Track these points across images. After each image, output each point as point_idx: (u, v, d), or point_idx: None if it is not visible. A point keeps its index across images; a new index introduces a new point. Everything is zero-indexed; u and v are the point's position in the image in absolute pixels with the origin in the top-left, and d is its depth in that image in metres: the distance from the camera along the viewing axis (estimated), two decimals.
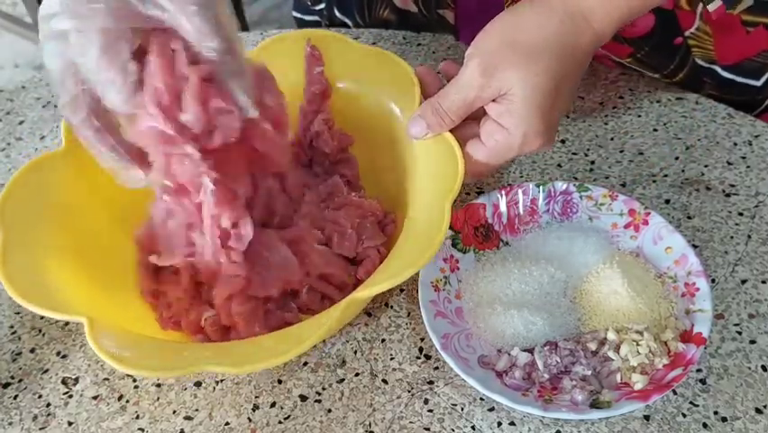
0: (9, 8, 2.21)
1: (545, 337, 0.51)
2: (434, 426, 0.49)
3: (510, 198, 0.58)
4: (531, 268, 0.54)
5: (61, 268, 0.51)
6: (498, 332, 0.51)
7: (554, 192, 0.58)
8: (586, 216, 0.58)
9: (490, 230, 0.57)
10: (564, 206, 0.58)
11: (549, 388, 0.49)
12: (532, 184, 0.58)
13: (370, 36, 0.77)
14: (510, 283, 0.53)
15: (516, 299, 0.52)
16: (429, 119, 0.53)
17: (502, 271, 0.54)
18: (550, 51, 0.50)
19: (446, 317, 0.52)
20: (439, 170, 0.52)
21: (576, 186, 0.58)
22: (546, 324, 0.51)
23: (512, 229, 0.58)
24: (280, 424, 0.50)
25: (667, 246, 0.54)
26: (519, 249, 0.56)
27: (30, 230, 0.51)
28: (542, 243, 0.56)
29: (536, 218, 0.58)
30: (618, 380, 0.48)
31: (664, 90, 0.69)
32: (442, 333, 0.50)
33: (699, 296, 0.51)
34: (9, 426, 0.51)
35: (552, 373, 0.49)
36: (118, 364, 0.43)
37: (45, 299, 0.47)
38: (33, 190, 0.53)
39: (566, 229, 0.57)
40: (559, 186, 0.58)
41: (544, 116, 0.51)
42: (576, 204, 0.58)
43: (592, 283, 0.53)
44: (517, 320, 0.51)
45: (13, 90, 0.76)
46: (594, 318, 0.52)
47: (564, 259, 0.55)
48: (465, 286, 0.54)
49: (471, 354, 0.50)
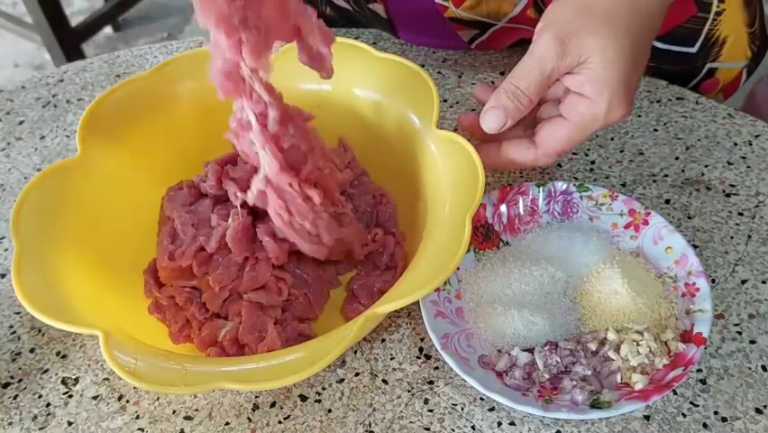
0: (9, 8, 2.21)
1: (546, 337, 0.51)
2: (434, 426, 0.49)
3: (510, 197, 0.58)
4: (531, 268, 0.54)
5: (76, 279, 0.50)
6: (499, 332, 0.51)
7: (555, 192, 0.58)
8: (586, 216, 0.58)
9: (490, 230, 0.57)
10: (565, 206, 0.58)
11: (549, 388, 0.49)
12: (532, 184, 0.58)
13: (370, 36, 0.77)
14: (510, 283, 0.53)
15: (516, 298, 0.52)
16: (506, 104, 0.51)
17: (502, 271, 0.54)
18: (624, 15, 0.49)
19: (446, 317, 0.52)
20: (459, 181, 0.51)
21: (576, 186, 0.58)
22: (547, 324, 0.51)
23: (512, 229, 0.58)
24: (280, 424, 0.50)
25: (667, 246, 0.54)
26: (519, 249, 0.56)
27: (44, 240, 0.51)
28: (542, 243, 0.56)
29: (537, 218, 0.58)
30: (619, 380, 0.48)
31: (664, 90, 0.69)
32: (442, 333, 0.50)
33: (700, 296, 0.51)
34: (9, 426, 0.51)
35: (552, 373, 0.49)
36: (134, 380, 0.43)
37: (60, 311, 0.47)
38: (48, 200, 0.53)
39: (566, 229, 0.57)
40: (559, 186, 0.58)
41: (625, 81, 0.49)
42: (576, 204, 0.58)
43: (592, 283, 0.53)
44: (518, 320, 0.51)
45: (13, 90, 0.76)
46: (594, 318, 0.52)
47: (565, 259, 0.55)
48: (465, 286, 0.54)
49: (472, 354, 0.50)
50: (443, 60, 0.74)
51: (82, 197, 0.54)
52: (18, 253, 0.49)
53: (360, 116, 0.60)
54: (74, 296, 0.49)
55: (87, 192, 0.55)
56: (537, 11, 0.66)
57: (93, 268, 0.52)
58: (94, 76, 0.77)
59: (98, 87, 0.75)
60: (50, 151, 0.70)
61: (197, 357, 0.51)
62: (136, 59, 0.78)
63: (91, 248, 0.53)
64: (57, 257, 0.51)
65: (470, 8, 0.68)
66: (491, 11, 0.68)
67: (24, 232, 0.50)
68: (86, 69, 0.78)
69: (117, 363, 0.43)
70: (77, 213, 0.53)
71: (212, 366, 0.47)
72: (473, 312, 0.53)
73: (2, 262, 0.61)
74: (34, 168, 0.68)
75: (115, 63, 0.78)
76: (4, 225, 0.64)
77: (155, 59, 0.78)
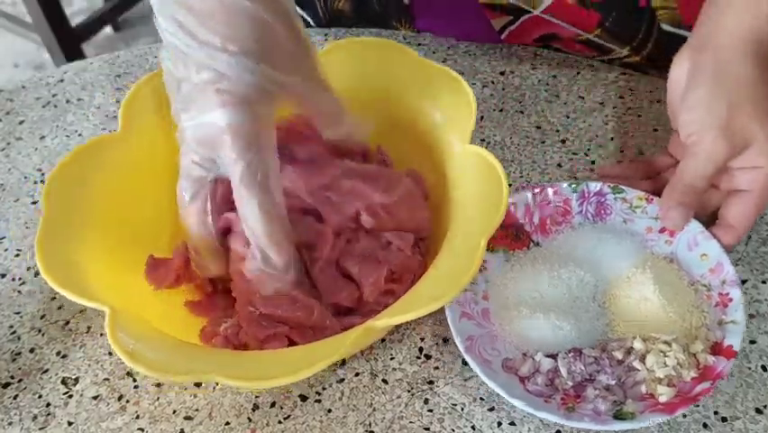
0: (9, 8, 2.21)
1: (572, 343, 0.50)
2: (434, 426, 0.49)
3: (542, 197, 0.57)
4: (560, 270, 0.52)
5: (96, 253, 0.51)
6: (524, 335, 0.50)
7: (588, 193, 0.57)
8: (620, 218, 0.56)
9: (521, 230, 0.56)
10: (598, 207, 0.57)
11: (573, 396, 0.48)
12: (565, 184, 0.57)
13: (371, 35, 0.77)
14: (539, 286, 0.52)
15: (543, 301, 0.51)
16: (685, 201, 0.53)
17: (532, 272, 0.53)
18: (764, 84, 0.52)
19: (472, 318, 0.51)
20: (482, 199, 0.50)
21: (611, 187, 0.57)
22: (574, 329, 0.50)
23: (543, 230, 0.57)
24: (280, 424, 0.50)
25: (702, 253, 0.53)
26: (550, 250, 0.55)
27: (72, 213, 0.52)
28: (573, 244, 0.55)
29: (569, 219, 0.57)
30: (643, 391, 0.47)
31: (664, 90, 0.69)
32: (467, 335, 0.49)
33: (732, 306, 0.49)
34: (9, 426, 0.51)
35: (575, 380, 0.48)
36: (131, 361, 0.43)
37: (72, 282, 0.47)
38: (83, 172, 0.53)
39: (599, 231, 0.55)
40: (593, 186, 0.57)
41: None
42: (610, 205, 0.56)
43: (623, 288, 0.51)
44: (544, 324, 0.50)
45: (12, 90, 0.76)
46: (622, 325, 0.50)
47: (595, 262, 0.53)
48: (493, 287, 0.53)
49: (496, 357, 0.49)
50: (444, 61, 0.74)
51: (117, 172, 0.55)
52: (45, 220, 0.50)
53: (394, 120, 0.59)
54: (92, 271, 0.49)
55: (123, 168, 0.55)
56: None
57: (115, 245, 0.52)
58: (94, 76, 0.77)
59: (98, 87, 0.75)
60: (50, 151, 0.70)
61: (201, 347, 0.51)
62: (136, 59, 0.78)
63: (117, 225, 0.53)
64: (81, 230, 0.51)
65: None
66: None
67: (55, 201, 0.51)
68: (86, 69, 0.78)
69: (117, 341, 0.44)
70: (108, 188, 0.54)
71: (210, 358, 0.47)
72: (499, 314, 0.52)
73: (2, 262, 0.61)
74: (34, 168, 0.68)
75: (115, 63, 0.78)
76: (4, 224, 0.64)
77: (155, 59, 0.78)
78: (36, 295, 0.58)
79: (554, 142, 0.65)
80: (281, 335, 0.49)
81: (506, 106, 0.69)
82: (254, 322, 0.49)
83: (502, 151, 0.65)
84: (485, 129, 0.67)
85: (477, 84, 0.71)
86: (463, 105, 0.55)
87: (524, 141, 0.66)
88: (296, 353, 0.47)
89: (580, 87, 0.70)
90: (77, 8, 2.28)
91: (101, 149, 0.55)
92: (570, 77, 0.71)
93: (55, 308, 0.57)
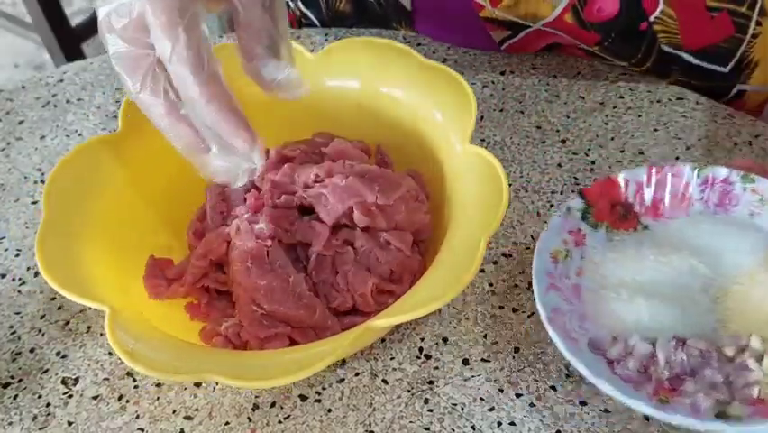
0: (9, 8, 2.21)
1: (672, 333, 0.46)
2: (434, 426, 0.49)
3: (659, 178, 0.53)
4: (671, 257, 0.49)
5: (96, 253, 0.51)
6: (618, 318, 0.47)
7: (713, 179, 0.53)
8: (747, 210, 0.51)
9: (629, 210, 0.53)
10: (722, 196, 0.52)
11: (668, 388, 0.44)
12: (687, 167, 0.53)
13: (371, 36, 0.77)
14: (643, 269, 0.49)
15: (645, 286, 0.48)
16: None
17: (635, 255, 0.50)
18: None
19: (561, 291, 0.48)
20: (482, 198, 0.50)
21: (740, 175, 0.52)
22: (677, 320, 0.46)
23: (655, 213, 0.53)
24: (280, 424, 0.50)
25: None
26: (660, 235, 0.52)
27: (72, 212, 0.52)
28: (689, 233, 0.51)
29: (686, 205, 0.53)
30: (755, 394, 0.42)
31: (664, 90, 0.69)
32: (552, 306, 0.46)
33: None
34: (9, 426, 0.51)
35: (674, 371, 0.44)
36: (130, 360, 0.43)
37: (72, 282, 0.48)
38: (83, 172, 0.54)
39: (720, 222, 0.51)
40: (720, 172, 0.52)
41: None
42: (737, 196, 0.52)
43: (743, 286, 0.48)
44: (644, 309, 0.46)
45: (12, 90, 0.76)
46: (737, 323, 0.47)
47: (713, 254, 0.49)
48: (589, 264, 0.50)
49: (582, 335, 0.46)
50: (444, 61, 0.74)
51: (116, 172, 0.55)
52: (45, 220, 0.50)
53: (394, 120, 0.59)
54: (92, 271, 0.50)
55: (123, 168, 0.55)
56: (575, 16, 0.66)
57: (115, 245, 0.52)
58: (94, 76, 0.77)
59: (98, 86, 0.75)
60: (50, 151, 0.70)
61: (201, 347, 0.51)
62: None
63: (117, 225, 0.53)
64: (81, 229, 0.51)
65: (508, 8, 0.67)
66: (528, 12, 0.68)
67: (55, 201, 0.51)
68: (86, 69, 0.78)
69: (117, 341, 0.44)
70: (110, 188, 0.54)
71: (210, 358, 0.47)
72: (594, 292, 0.49)
73: (2, 262, 0.61)
74: (34, 168, 0.68)
75: None
76: (4, 224, 0.64)
77: None
78: (36, 295, 0.58)
79: (555, 142, 0.65)
80: (283, 335, 0.50)
81: (506, 106, 0.69)
82: (256, 321, 0.50)
83: (502, 151, 0.65)
84: (485, 129, 0.67)
85: (477, 84, 0.71)
86: (463, 105, 0.55)
87: (524, 141, 0.66)
88: (296, 353, 0.47)
89: (580, 87, 0.70)
90: (77, 8, 2.28)
91: (101, 148, 0.55)
92: (570, 77, 0.71)
93: (55, 308, 0.57)
